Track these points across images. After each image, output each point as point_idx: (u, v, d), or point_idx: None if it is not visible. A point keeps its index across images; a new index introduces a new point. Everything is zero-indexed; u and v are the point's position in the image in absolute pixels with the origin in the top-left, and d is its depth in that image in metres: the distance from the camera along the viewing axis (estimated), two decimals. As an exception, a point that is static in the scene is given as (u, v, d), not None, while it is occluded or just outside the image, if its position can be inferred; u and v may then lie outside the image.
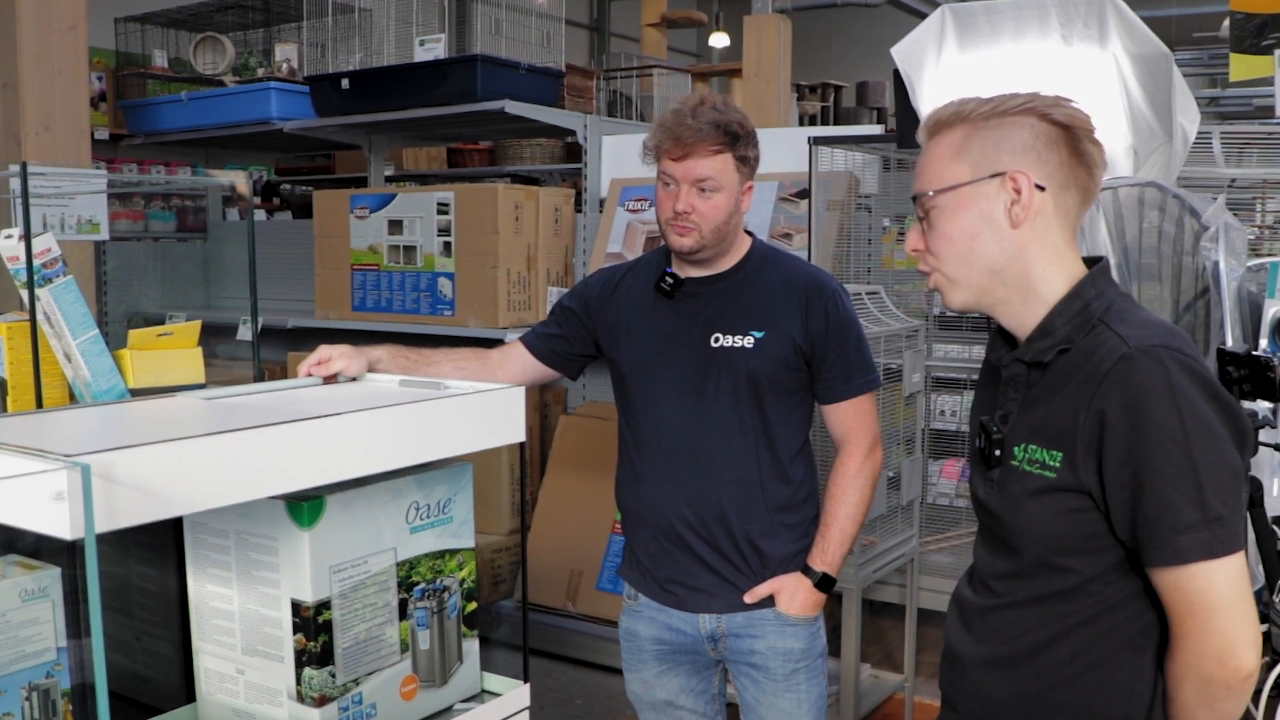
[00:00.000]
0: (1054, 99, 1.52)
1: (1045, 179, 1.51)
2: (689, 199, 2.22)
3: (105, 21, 6.27)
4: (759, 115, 8.18)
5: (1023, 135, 1.51)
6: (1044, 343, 1.52)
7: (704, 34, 15.05)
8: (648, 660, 2.42)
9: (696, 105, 2.24)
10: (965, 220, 1.54)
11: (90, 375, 1.99)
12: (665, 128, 2.24)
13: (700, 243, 2.25)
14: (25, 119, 4.20)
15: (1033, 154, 1.50)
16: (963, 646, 1.64)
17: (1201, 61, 12.51)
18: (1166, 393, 1.39)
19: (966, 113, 1.55)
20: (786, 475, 2.32)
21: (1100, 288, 1.53)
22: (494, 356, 2.44)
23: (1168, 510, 1.39)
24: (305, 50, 5.91)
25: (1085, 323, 1.50)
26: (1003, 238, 1.52)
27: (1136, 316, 1.50)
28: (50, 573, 1.44)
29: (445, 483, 1.67)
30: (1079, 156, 1.51)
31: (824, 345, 2.28)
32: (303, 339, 5.09)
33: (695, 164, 2.22)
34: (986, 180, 1.52)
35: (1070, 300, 1.52)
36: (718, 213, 2.24)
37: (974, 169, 1.53)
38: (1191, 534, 1.38)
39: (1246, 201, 3.68)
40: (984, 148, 1.53)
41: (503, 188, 4.52)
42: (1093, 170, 1.53)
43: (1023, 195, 1.50)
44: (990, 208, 1.52)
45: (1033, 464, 1.50)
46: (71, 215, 3.73)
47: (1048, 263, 1.53)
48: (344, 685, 1.53)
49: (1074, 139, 1.51)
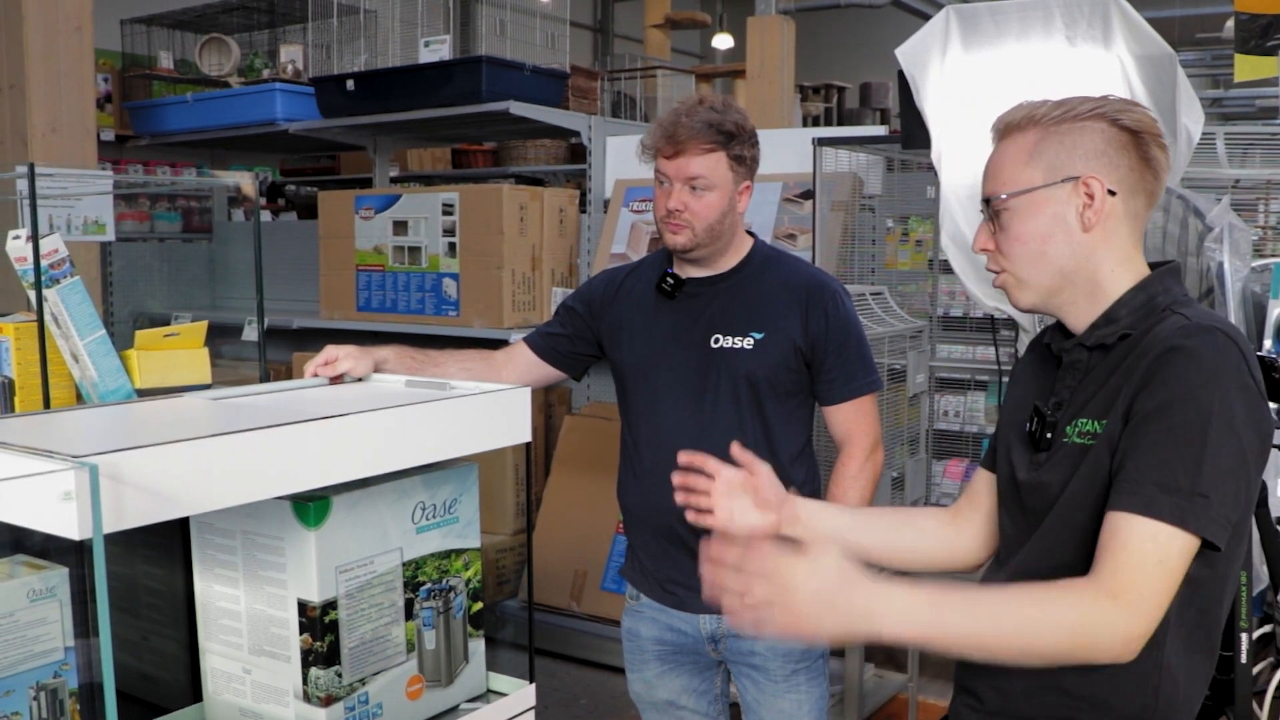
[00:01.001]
0: (1123, 103, 1.55)
1: (1116, 184, 1.53)
2: (681, 197, 2.24)
3: (111, 23, 6.29)
4: (762, 116, 8.18)
5: (1094, 140, 1.53)
6: (1108, 329, 1.54)
7: (708, 35, 15.05)
8: (649, 660, 2.42)
9: (694, 105, 2.26)
10: (1038, 223, 1.57)
11: (97, 375, 1.99)
12: (660, 126, 2.26)
13: (693, 240, 2.26)
14: (32, 120, 4.21)
15: (1104, 159, 1.53)
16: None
17: (1205, 62, 12.50)
18: (1214, 369, 1.40)
19: (1038, 116, 1.57)
20: (787, 477, 2.31)
21: (1167, 284, 1.55)
22: (498, 357, 2.45)
23: (1162, 467, 1.39)
24: (310, 51, 5.92)
25: (1150, 314, 1.52)
26: (1074, 241, 1.55)
27: (1202, 309, 1.53)
28: (58, 573, 1.45)
29: (451, 483, 1.67)
30: (1147, 161, 1.54)
31: (824, 346, 2.28)
32: (308, 339, 5.10)
33: (687, 162, 2.23)
34: (1060, 184, 1.55)
35: (1136, 293, 1.55)
36: (710, 211, 2.25)
37: (1047, 173, 1.55)
38: (1173, 497, 1.38)
39: (1250, 202, 3.69)
40: (1057, 152, 1.55)
41: (507, 188, 4.53)
42: (1159, 174, 1.55)
43: (1095, 200, 1.53)
44: (1063, 211, 1.55)
45: (1082, 435, 1.52)
46: (78, 216, 3.74)
47: (1115, 264, 1.56)
48: (350, 685, 1.53)
49: (1142, 144, 1.53)
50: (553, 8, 5.58)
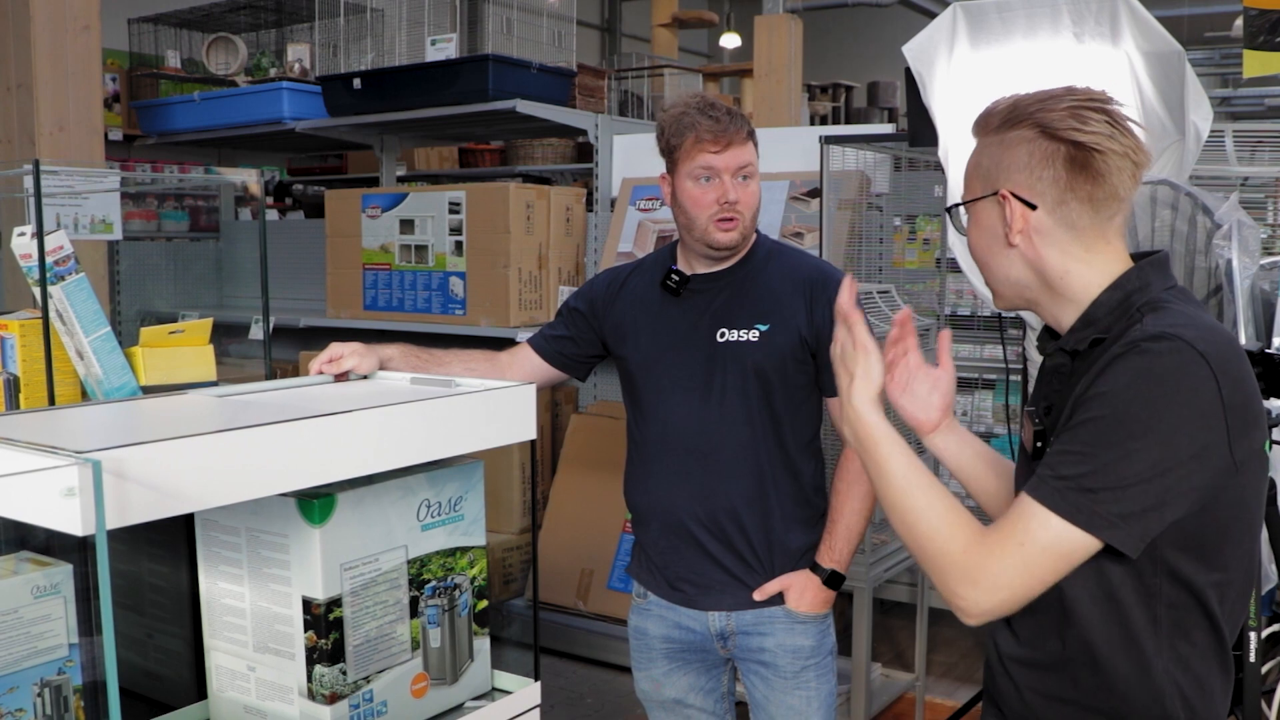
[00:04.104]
0: (1069, 108, 1.49)
1: (1038, 196, 1.50)
2: (737, 188, 2.22)
3: (118, 22, 6.29)
4: (770, 115, 8.17)
5: (1020, 152, 1.51)
6: (1085, 332, 1.52)
7: (715, 34, 15.04)
8: (656, 659, 2.42)
9: (704, 99, 2.25)
10: (979, 235, 1.59)
11: (102, 372, 1.99)
12: (693, 122, 2.21)
13: (744, 233, 2.27)
14: (39, 119, 4.21)
15: (1027, 171, 1.50)
16: (1007, 648, 1.63)
17: (1214, 61, 12.46)
18: (1158, 370, 1.37)
19: (987, 122, 1.56)
20: (796, 469, 2.31)
21: (1146, 278, 1.51)
22: (503, 358, 2.44)
23: (1065, 457, 1.40)
24: (317, 50, 5.92)
25: (1125, 313, 1.48)
26: (1008, 253, 1.55)
27: (1180, 311, 1.46)
28: (62, 569, 1.45)
29: (456, 480, 1.67)
30: (1082, 169, 1.48)
31: (829, 337, 2.27)
32: (315, 338, 5.11)
33: (738, 152, 2.22)
34: (989, 197, 1.55)
35: (1112, 292, 1.51)
36: (755, 199, 2.27)
37: (983, 184, 1.56)
38: (1061, 484, 1.39)
39: (1259, 200, 3.68)
40: (989, 164, 1.55)
41: (514, 187, 4.53)
42: (1100, 179, 1.48)
43: (1012, 214, 1.52)
44: (994, 224, 1.55)
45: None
46: (85, 215, 3.75)
47: (1065, 269, 1.52)
48: (355, 683, 1.53)
49: (1075, 153, 1.48)
50: (560, 6, 5.58)
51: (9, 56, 4.23)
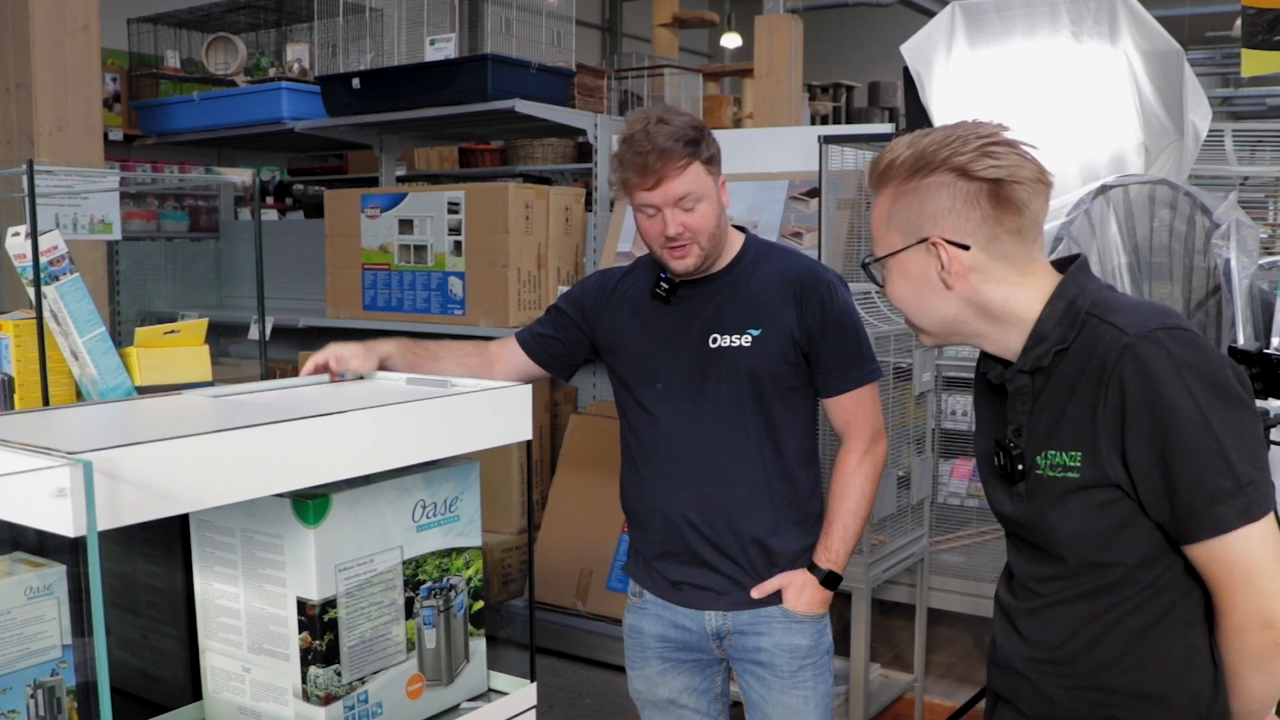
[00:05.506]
0: (979, 148, 1.50)
1: (969, 236, 1.52)
2: (676, 219, 2.18)
3: (118, 22, 6.29)
4: (770, 115, 8.17)
5: (941, 197, 1.52)
6: (1040, 349, 1.53)
7: (716, 34, 15.05)
8: (651, 658, 2.41)
9: (645, 126, 2.16)
10: (908, 284, 1.59)
11: (97, 373, 1.99)
12: (625, 161, 2.17)
13: (701, 257, 2.23)
14: (38, 119, 4.21)
15: (953, 215, 1.52)
16: (1013, 648, 1.64)
17: (1215, 61, 12.44)
18: (1174, 373, 1.41)
19: (894, 171, 1.56)
20: (792, 472, 2.31)
21: (1080, 284, 1.54)
22: (492, 348, 2.44)
23: (1201, 485, 1.41)
24: (316, 50, 5.92)
25: (1075, 320, 1.51)
26: (944, 295, 1.56)
27: (1125, 303, 1.52)
28: (55, 570, 1.44)
29: (452, 481, 1.67)
30: (1006, 204, 1.50)
31: (821, 337, 2.26)
32: (314, 338, 5.10)
33: (671, 186, 2.16)
34: (916, 246, 1.55)
35: (1054, 304, 1.53)
36: (707, 221, 2.21)
37: (904, 235, 1.56)
38: (1228, 502, 1.40)
39: (1258, 200, 3.67)
40: (908, 214, 1.55)
41: (513, 187, 4.52)
42: (1023, 210, 1.51)
43: (946, 260, 1.53)
44: (926, 271, 1.56)
45: (1055, 469, 1.52)
46: (84, 215, 3.75)
47: (1006, 295, 1.55)
48: (350, 684, 1.53)
49: (996, 189, 1.50)
50: (559, 6, 5.57)
51: (8, 56, 4.23)
